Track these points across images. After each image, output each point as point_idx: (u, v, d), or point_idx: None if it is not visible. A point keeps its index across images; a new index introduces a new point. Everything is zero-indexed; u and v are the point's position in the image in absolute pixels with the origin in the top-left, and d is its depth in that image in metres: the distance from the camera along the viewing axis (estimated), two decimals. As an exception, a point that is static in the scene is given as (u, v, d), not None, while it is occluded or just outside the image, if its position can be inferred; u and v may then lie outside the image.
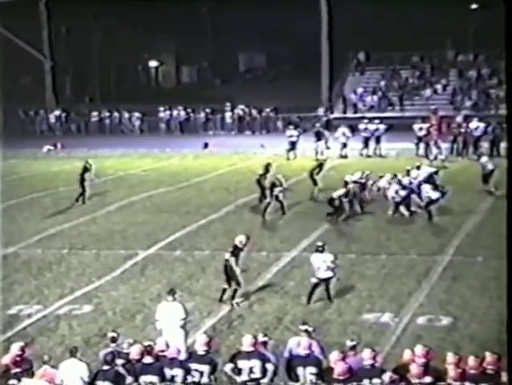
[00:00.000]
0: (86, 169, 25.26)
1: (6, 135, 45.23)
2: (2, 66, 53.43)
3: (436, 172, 24.55)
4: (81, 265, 18.22)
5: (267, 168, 24.53)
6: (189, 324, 13.07)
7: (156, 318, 12.88)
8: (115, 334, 11.23)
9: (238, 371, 10.41)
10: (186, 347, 11.95)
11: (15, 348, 10.76)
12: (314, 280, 15.17)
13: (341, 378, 9.83)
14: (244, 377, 10.35)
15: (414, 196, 22.57)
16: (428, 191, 21.96)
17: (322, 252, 15.24)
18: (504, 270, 8.50)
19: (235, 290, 15.29)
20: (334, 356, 10.22)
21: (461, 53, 47.09)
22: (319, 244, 15.51)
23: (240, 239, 15.47)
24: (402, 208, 22.17)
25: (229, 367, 10.46)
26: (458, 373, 9.72)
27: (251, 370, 10.38)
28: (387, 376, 9.78)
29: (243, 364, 10.41)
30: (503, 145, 31.27)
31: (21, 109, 49.03)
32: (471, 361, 9.83)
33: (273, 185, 22.77)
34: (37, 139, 42.81)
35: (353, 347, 10.60)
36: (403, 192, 22.11)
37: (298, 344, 10.67)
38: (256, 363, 10.38)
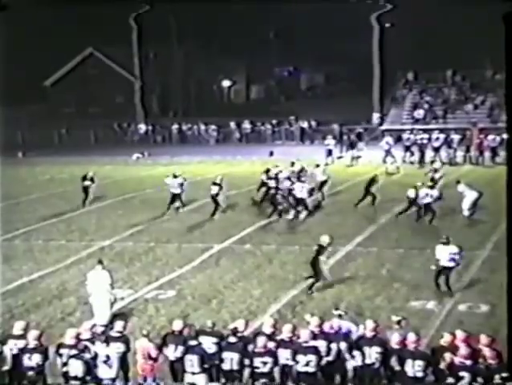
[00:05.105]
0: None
1: (104, 145, 46.47)
2: (99, 87, 54.84)
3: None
4: (165, 256, 18.44)
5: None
6: (257, 308, 13.00)
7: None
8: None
9: None
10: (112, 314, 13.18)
11: (119, 325, 10.80)
12: (434, 267, 14.93)
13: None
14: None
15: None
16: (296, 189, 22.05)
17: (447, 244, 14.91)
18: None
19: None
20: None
21: (498, 72, 45.92)
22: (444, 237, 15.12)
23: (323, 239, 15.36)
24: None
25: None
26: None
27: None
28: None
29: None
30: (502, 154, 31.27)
31: (115, 123, 50.05)
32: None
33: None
34: (128, 149, 43.44)
35: (398, 322, 10.57)
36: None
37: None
38: (322, 344, 10.16)
